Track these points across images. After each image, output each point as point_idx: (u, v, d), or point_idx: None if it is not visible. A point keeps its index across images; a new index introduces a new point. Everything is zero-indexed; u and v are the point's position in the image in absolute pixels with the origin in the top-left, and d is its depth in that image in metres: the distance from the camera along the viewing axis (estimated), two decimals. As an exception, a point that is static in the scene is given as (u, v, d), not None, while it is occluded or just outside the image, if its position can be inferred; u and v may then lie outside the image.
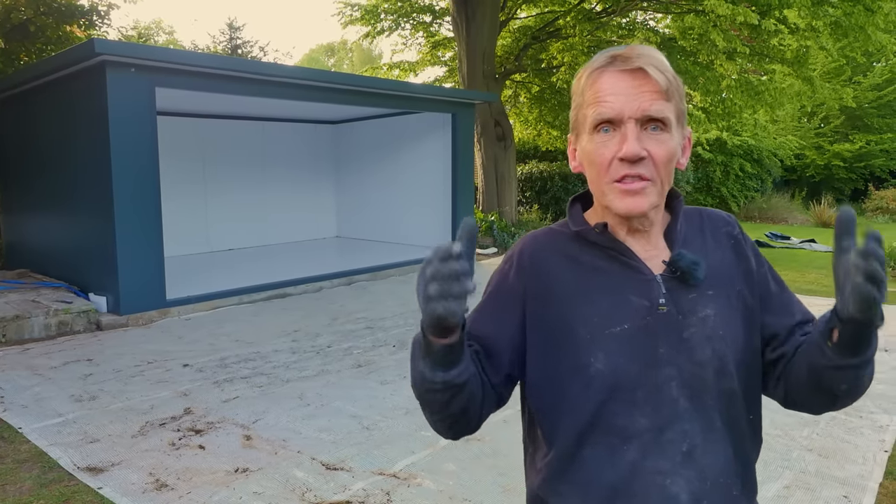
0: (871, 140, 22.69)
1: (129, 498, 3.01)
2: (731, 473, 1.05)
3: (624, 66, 1.01)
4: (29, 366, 5.01)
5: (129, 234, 6.27)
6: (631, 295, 1.05)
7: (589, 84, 1.05)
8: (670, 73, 1.03)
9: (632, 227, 1.08)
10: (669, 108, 1.01)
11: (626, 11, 12.28)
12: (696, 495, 1.01)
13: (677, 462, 1.01)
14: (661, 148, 1.01)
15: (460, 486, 3.15)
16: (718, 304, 1.06)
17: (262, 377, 4.75)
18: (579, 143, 1.09)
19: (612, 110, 1.00)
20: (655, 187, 1.02)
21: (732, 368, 1.05)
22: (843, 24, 10.38)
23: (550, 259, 1.11)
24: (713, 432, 1.03)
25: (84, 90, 6.46)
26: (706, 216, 1.17)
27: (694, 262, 1.05)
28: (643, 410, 1.02)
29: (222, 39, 23.40)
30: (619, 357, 1.02)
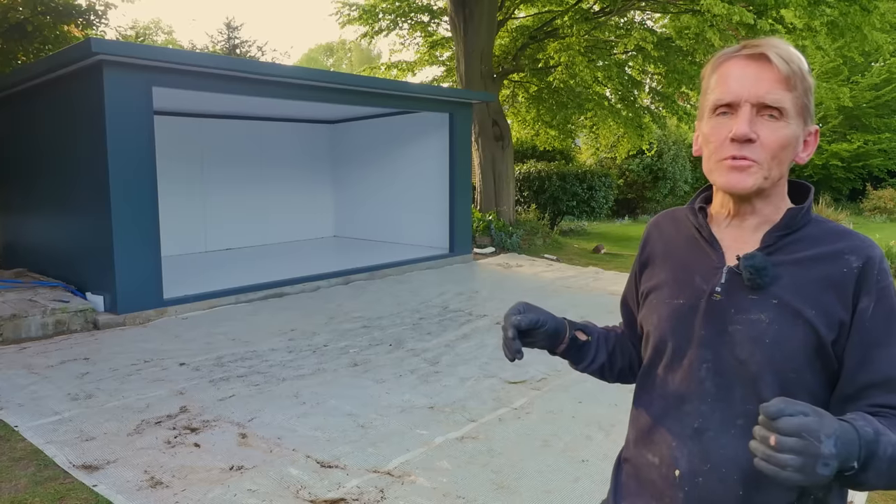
0: (869, 140, 22.71)
1: (124, 495, 3.02)
2: (740, 470, 1.04)
3: (749, 51, 1.06)
4: (26, 364, 5.02)
5: (126, 234, 6.28)
6: (697, 276, 1.14)
7: (715, 70, 1.10)
8: (796, 65, 1.04)
9: (733, 212, 1.12)
10: (787, 98, 1.03)
11: (623, 11, 12.29)
12: (694, 470, 1.08)
13: (686, 434, 1.10)
14: (773, 134, 1.04)
15: (454, 483, 3.16)
16: (778, 315, 1.04)
17: (258, 376, 4.76)
18: (700, 128, 1.14)
19: (731, 93, 1.05)
20: (761, 170, 1.05)
21: (771, 379, 1.04)
22: (840, 23, 10.39)
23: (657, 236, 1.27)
24: (731, 426, 1.06)
25: (81, 90, 6.47)
26: (841, 236, 1.08)
27: (755, 266, 1.05)
28: (675, 378, 1.13)
29: (220, 39, 23.41)
30: (666, 325, 1.14)
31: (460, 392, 4.43)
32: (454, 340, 5.71)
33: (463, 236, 10.35)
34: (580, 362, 1.32)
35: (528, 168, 15.46)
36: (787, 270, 1.07)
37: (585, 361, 1.31)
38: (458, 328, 6.14)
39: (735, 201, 1.10)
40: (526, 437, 3.71)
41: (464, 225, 10.35)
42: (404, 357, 5.24)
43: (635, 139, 14.27)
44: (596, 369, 1.33)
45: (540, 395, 4.35)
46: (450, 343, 5.62)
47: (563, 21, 12.44)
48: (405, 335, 5.90)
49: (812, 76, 1.10)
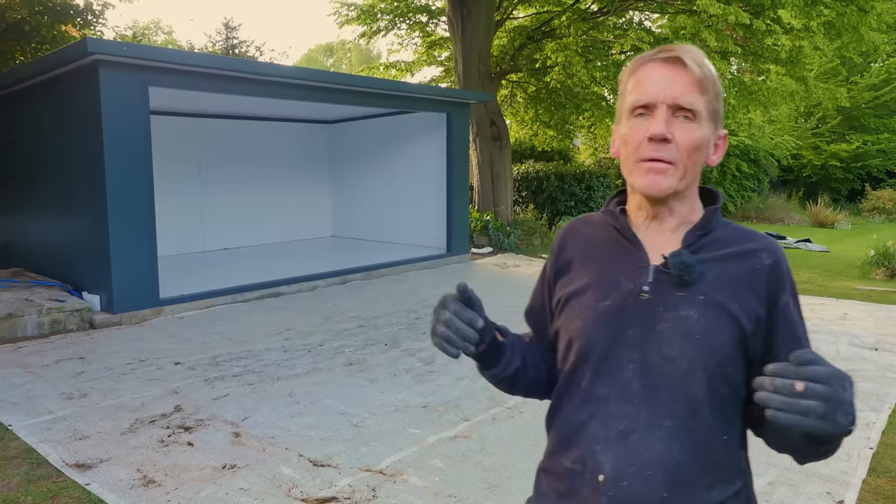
0: (868, 140, 22.73)
1: (116, 494, 3.03)
2: (664, 472, 1.04)
3: (665, 55, 1.09)
4: (21, 364, 5.02)
5: (122, 233, 6.29)
6: (622, 276, 1.13)
7: (632, 74, 1.13)
8: (708, 70, 1.08)
9: (651, 214, 1.14)
10: (701, 101, 1.07)
11: (621, 11, 12.30)
12: (618, 473, 1.06)
13: (611, 438, 1.08)
14: (687, 135, 1.07)
15: (446, 482, 3.17)
16: (705, 311, 1.07)
17: (252, 375, 4.77)
18: (618, 130, 1.16)
19: (648, 95, 1.08)
20: (677, 172, 1.08)
21: (701, 374, 1.05)
22: (837, 24, 10.40)
23: (572, 240, 1.25)
24: (658, 427, 1.06)
25: (77, 89, 6.47)
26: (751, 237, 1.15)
27: (685, 263, 1.07)
28: (603, 381, 1.11)
29: (219, 39, 23.41)
30: (592, 329, 1.12)
31: (454, 391, 4.44)
32: (450, 340, 5.70)
33: (460, 236, 10.36)
34: (494, 366, 1.24)
35: (526, 168, 15.47)
36: (710, 267, 1.09)
37: (500, 366, 1.23)
38: (453, 328, 6.13)
39: (652, 203, 1.13)
40: (519, 436, 3.72)
41: (461, 225, 10.36)
42: (399, 356, 5.25)
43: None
44: (508, 375, 1.25)
45: (534, 394, 4.35)
46: (445, 343, 5.61)
47: (560, 21, 12.44)
48: (401, 335, 5.91)
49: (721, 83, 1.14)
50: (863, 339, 5.81)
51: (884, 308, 7.14)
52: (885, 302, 7.48)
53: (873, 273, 9.29)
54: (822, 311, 6.94)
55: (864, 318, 6.62)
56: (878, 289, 8.25)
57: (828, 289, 8.31)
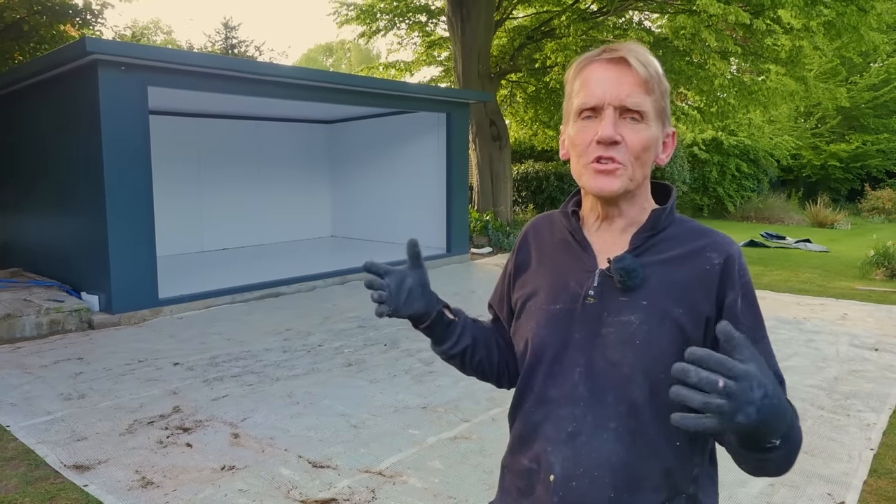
0: (868, 140, 22.73)
1: (115, 495, 3.02)
2: (611, 473, 1.05)
3: (609, 55, 1.08)
4: (19, 364, 5.01)
5: (121, 234, 6.27)
6: (571, 280, 1.14)
7: (577, 74, 1.12)
8: (653, 69, 1.07)
9: (602, 215, 1.14)
10: (647, 101, 1.06)
11: (620, 11, 12.29)
12: (567, 474, 1.08)
13: (561, 439, 1.10)
14: (636, 136, 1.06)
15: (445, 483, 3.16)
16: (647, 316, 1.06)
17: (251, 376, 4.76)
18: (566, 131, 1.16)
19: (594, 97, 1.07)
20: (627, 172, 1.07)
21: (642, 380, 1.05)
22: (837, 24, 10.40)
23: (533, 238, 1.26)
24: (604, 429, 1.07)
25: (76, 89, 6.46)
26: (701, 235, 1.13)
27: (626, 269, 1.07)
28: (554, 383, 1.12)
29: (218, 39, 23.40)
30: (544, 331, 1.14)
31: (454, 392, 4.43)
32: (449, 340, 5.69)
33: (460, 236, 10.35)
34: (443, 342, 1.27)
35: (525, 168, 15.46)
36: (654, 271, 1.09)
37: (449, 342, 1.26)
38: (453, 328, 6.12)
39: (603, 204, 1.13)
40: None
41: (461, 225, 10.35)
42: (399, 357, 5.23)
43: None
44: (458, 352, 1.28)
45: (534, 395, 4.34)
46: (445, 343, 5.60)
47: (560, 21, 12.44)
48: (400, 335, 5.90)
49: (667, 80, 1.13)
50: (863, 339, 5.80)
51: (884, 308, 7.13)
52: (885, 302, 7.47)
53: (873, 273, 9.28)
54: (823, 312, 6.93)
55: (864, 319, 6.61)
56: (877, 289, 8.24)
57: (828, 289, 8.30)
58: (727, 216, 19.84)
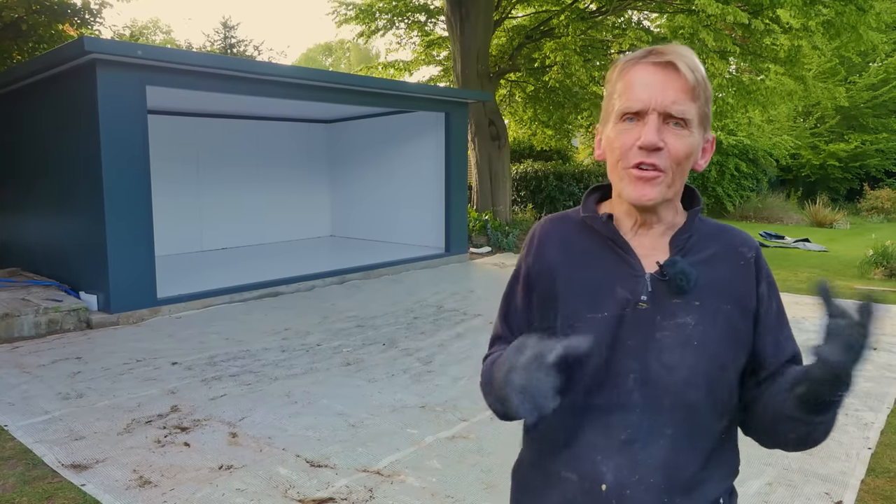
0: (867, 140, 22.73)
1: (112, 495, 3.01)
2: (667, 479, 1.05)
3: (656, 59, 1.05)
4: (17, 364, 5.00)
5: (119, 233, 6.27)
6: (618, 286, 1.10)
7: (621, 75, 1.09)
8: (700, 74, 1.05)
9: (639, 221, 1.12)
10: (693, 108, 1.05)
11: (619, 11, 12.29)
12: (621, 482, 1.06)
13: (614, 446, 1.07)
14: (679, 143, 1.04)
15: (443, 482, 3.16)
16: (702, 316, 1.07)
17: (250, 375, 4.75)
18: (605, 132, 1.13)
19: (639, 101, 1.04)
20: (666, 180, 1.06)
21: (701, 380, 1.06)
22: (836, 23, 10.40)
23: (555, 243, 1.19)
24: (660, 435, 1.06)
25: (74, 88, 6.45)
26: (727, 232, 1.16)
27: (683, 271, 1.07)
28: (601, 391, 1.08)
29: (217, 38, 23.39)
30: (587, 340, 1.08)
31: (452, 391, 4.43)
32: (448, 340, 5.70)
33: (459, 236, 10.34)
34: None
35: (524, 168, 15.46)
36: (699, 271, 1.09)
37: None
38: (452, 328, 6.13)
39: (641, 211, 1.11)
40: (516, 436, 3.67)
41: (460, 224, 10.35)
42: (397, 356, 5.23)
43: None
44: None
45: (532, 394, 4.33)
46: (443, 342, 5.61)
47: (559, 21, 12.44)
48: (399, 335, 5.90)
49: (711, 85, 1.11)
50: (861, 338, 5.80)
51: (882, 308, 7.13)
52: (883, 301, 7.47)
53: (872, 273, 9.29)
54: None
55: (862, 318, 6.60)
56: (877, 288, 8.24)
57: (826, 288, 8.30)
58: (726, 216, 19.84)
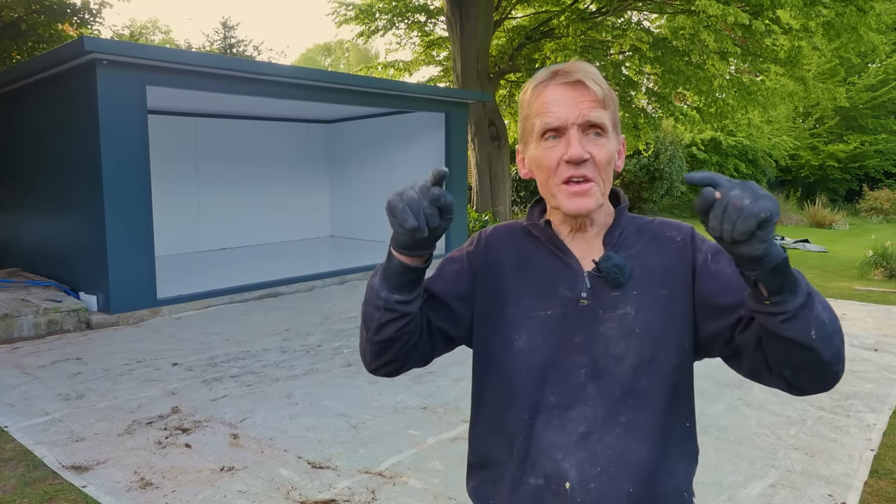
0: (866, 140, 22.77)
1: (113, 497, 3.00)
2: (627, 467, 1.08)
3: (565, 79, 1.12)
4: (17, 364, 4.99)
5: (119, 233, 6.25)
6: (559, 286, 1.16)
7: (535, 97, 1.15)
8: (605, 85, 1.13)
9: (575, 226, 1.18)
10: (606, 116, 1.12)
11: (619, 11, 12.29)
12: (584, 476, 1.07)
13: (573, 441, 1.09)
14: (602, 151, 1.11)
15: (446, 484, 3.15)
16: (640, 304, 1.12)
17: (250, 376, 4.74)
18: (527, 151, 1.19)
19: (558, 119, 1.10)
20: (598, 187, 1.12)
21: (649, 366, 1.10)
22: (836, 24, 10.40)
23: (502, 245, 1.24)
24: (615, 424, 1.09)
25: (74, 88, 6.44)
26: (656, 223, 1.22)
27: (617, 264, 1.12)
28: (553, 389, 1.12)
29: (216, 38, 23.37)
30: (538, 338, 1.14)
31: (453, 392, 4.42)
32: (448, 340, 5.69)
33: (458, 236, 10.33)
34: (410, 292, 1.09)
35: (524, 168, 15.45)
36: (633, 262, 1.15)
37: (414, 294, 1.10)
38: (452, 328, 6.11)
39: (578, 219, 1.16)
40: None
41: (459, 225, 10.34)
42: (398, 357, 5.21)
43: (631, 139, 14.29)
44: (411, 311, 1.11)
45: (533, 395, 4.33)
46: (444, 343, 5.60)
47: (559, 21, 12.44)
48: (399, 335, 5.88)
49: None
50: (862, 339, 5.80)
51: (882, 308, 7.14)
52: (883, 302, 7.48)
53: (872, 273, 9.29)
54: (822, 312, 6.92)
55: (863, 319, 6.61)
56: (876, 289, 8.24)
57: (826, 289, 8.30)
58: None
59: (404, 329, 1.12)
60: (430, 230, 1.02)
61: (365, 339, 1.16)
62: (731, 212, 0.85)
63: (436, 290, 1.21)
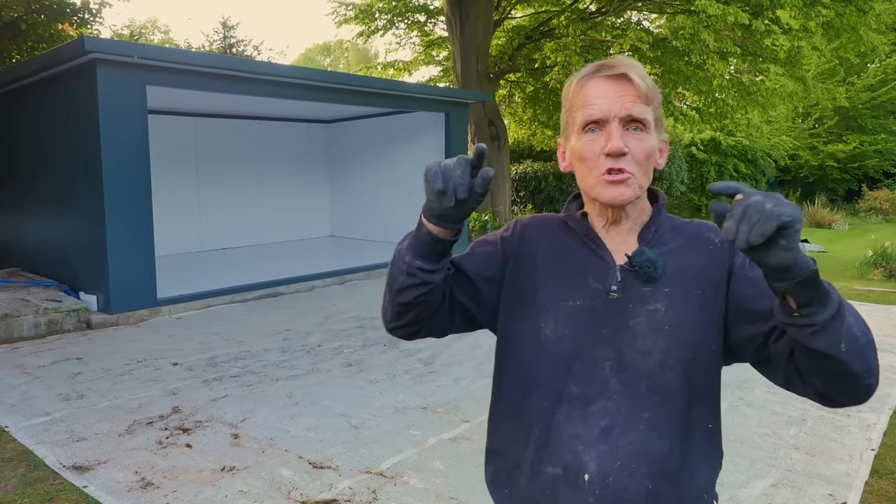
0: (865, 141, 22.78)
1: (114, 497, 3.00)
2: (648, 463, 1.07)
3: (609, 72, 1.12)
4: (18, 364, 4.99)
5: (119, 233, 6.25)
6: (590, 277, 1.16)
7: (578, 90, 1.16)
8: (650, 81, 1.13)
9: (610, 219, 1.18)
10: (648, 111, 1.12)
11: (619, 11, 12.29)
12: (604, 470, 1.07)
13: (594, 435, 1.09)
14: (641, 145, 1.11)
15: (447, 484, 3.15)
16: (672, 301, 1.11)
17: (251, 376, 4.74)
18: (568, 144, 1.19)
19: (600, 111, 1.11)
20: (636, 180, 1.12)
21: (675, 363, 1.09)
22: (836, 24, 10.41)
23: (538, 235, 1.25)
24: (639, 420, 1.08)
25: (74, 88, 6.44)
26: (693, 223, 1.21)
27: (650, 260, 1.12)
28: (577, 380, 1.12)
29: (216, 38, 23.36)
30: (565, 328, 1.14)
31: (454, 392, 4.42)
32: (449, 341, 5.68)
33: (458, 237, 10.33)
34: (437, 262, 1.11)
35: (524, 168, 15.46)
36: (668, 259, 1.14)
37: (441, 263, 1.12)
38: (452, 328, 6.11)
39: (614, 210, 1.17)
40: (519, 437, 3.69)
41: (459, 225, 10.32)
42: (398, 357, 5.22)
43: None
44: (436, 280, 1.13)
45: (534, 395, 4.33)
46: (444, 343, 5.59)
47: (559, 21, 12.44)
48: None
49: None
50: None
51: (882, 308, 7.14)
52: (883, 302, 7.48)
53: (871, 273, 9.30)
54: (821, 312, 6.93)
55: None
56: (876, 289, 8.25)
57: (826, 289, 8.31)
58: (725, 216, 19.85)
59: (424, 297, 1.14)
60: (459, 202, 1.03)
61: (387, 300, 1.19)
62: (752, 212, 0.84)
63: (464, 267, 1.23)
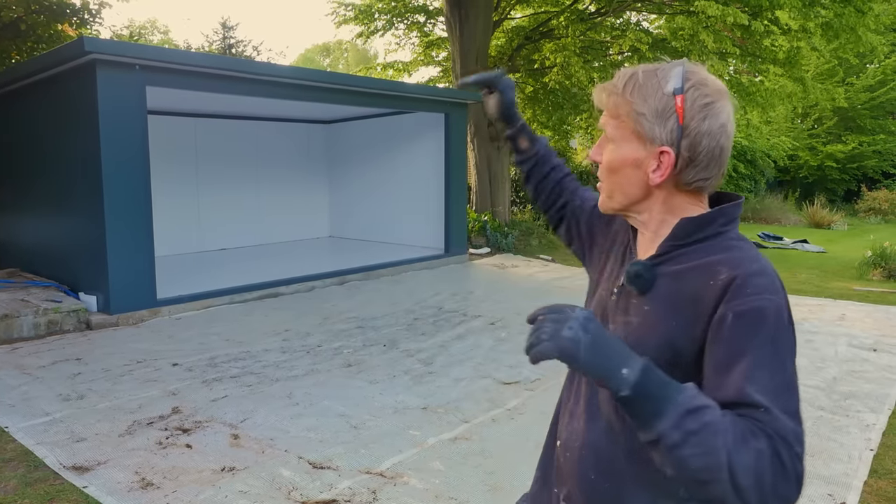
0: (864, 141, 22.80)
1: (115, 497, 3.00)
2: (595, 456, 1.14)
3: (605, 83, 1.19)
4: (17, 365, 4.99)
5: (119, 233, 6.25)
6: (614, 275, 1.24)
7: None
8: (628, 94, 1.09)
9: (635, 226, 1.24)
10: (612, 125, 1.13)
11: (619, 12, 12.30)
12: (566, 445, 1.21)
13: (569, 412, 1.25)
14: (605, 156, 1.16)
15: (447, 484, 3.15)
16: (646, 319, 1.09)
17: (251, 376, 4.74)
18: None
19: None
20: (605, 191, 1.18)
21: None
22: (835, 25, 10.42)
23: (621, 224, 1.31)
24: (597, 416, 1.16)
25: (74, 88, 6.44)
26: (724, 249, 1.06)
27: (637, 273, 1.11)
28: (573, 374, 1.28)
29: (216, 39, 23.37)
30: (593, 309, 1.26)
31: (454, 393, 4.42)
32: (448, 341, 5.70)
33: (458, 237, 10.34)
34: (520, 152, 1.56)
35: (523, 168, 15.43)
36: (665, 281, 1.08)
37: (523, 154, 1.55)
38: (452, 329, 6.13)
39: (628, 218, 1.22)
40: (519, 438, 3.70)
41: (459, 225, 10.34)
42: (398, 358, 5.23)
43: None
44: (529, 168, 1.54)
45: (533, 395, 4.34)
46: (444, 343, 5.61)
47: (558, 22, 12.44)
48: (399, 336, 5.89)
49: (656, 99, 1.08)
50: (861, 339, 5.81)
51: (881, 309, 7.15)
52: (882, 303, 7.49)
53: (870, 274, 9.30)
54: (821, 312, 6.94)
55: (862, 319, 6.62)
56: (875, 289, 8.26)
57: (825, 290, 8.32)
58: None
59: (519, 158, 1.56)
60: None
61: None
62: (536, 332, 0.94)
63: (580, 194, 1.49)
